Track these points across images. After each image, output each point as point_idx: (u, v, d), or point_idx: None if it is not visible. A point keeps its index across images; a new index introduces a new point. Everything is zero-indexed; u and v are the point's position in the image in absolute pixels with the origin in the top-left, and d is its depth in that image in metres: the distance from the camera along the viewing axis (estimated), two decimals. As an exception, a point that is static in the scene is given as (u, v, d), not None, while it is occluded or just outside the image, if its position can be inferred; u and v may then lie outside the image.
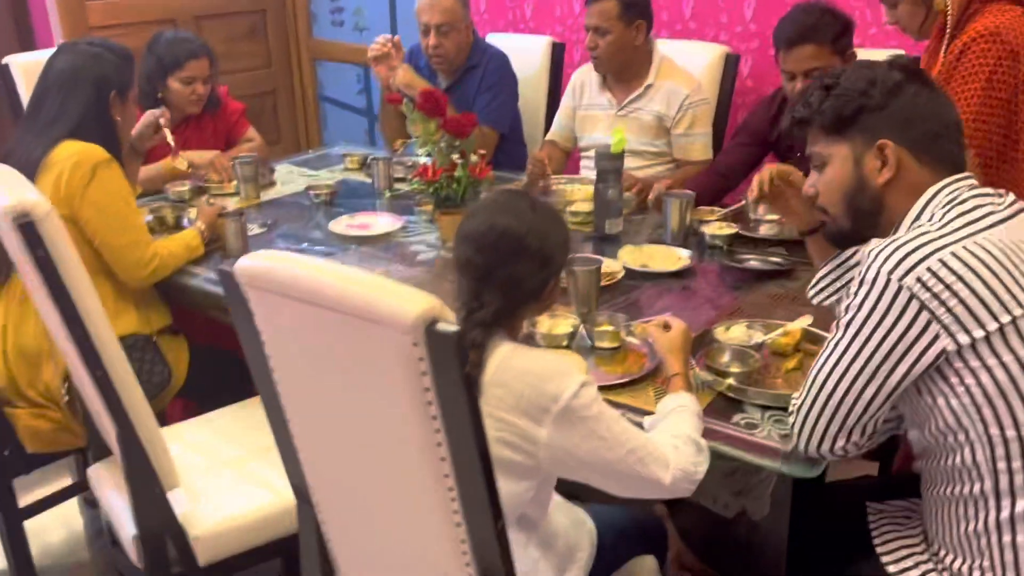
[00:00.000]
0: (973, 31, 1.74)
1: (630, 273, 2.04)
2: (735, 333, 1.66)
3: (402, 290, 1.00)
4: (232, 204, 2.59)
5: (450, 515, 1.10)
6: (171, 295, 2.22)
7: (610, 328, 1.70)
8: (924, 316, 1.16)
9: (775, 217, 2.23)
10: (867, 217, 1.34)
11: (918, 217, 1.27)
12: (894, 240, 1.21)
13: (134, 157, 2.36)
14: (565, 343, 1.69)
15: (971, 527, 1.22)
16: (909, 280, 1.16)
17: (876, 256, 1.20)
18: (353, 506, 1.26)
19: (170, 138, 2.43)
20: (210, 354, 2.32)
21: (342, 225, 2.41)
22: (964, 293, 1.15)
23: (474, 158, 2.23)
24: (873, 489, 1.53)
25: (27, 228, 1.33)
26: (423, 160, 2.79)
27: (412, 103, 2.26)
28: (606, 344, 1.69)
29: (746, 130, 2.57)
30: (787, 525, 1.39)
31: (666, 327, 1.55)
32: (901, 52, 2.64)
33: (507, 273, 1.28)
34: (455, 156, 2.22)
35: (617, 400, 1.50)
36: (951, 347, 1.16)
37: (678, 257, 2.12)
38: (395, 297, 0.99)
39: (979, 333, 1.15)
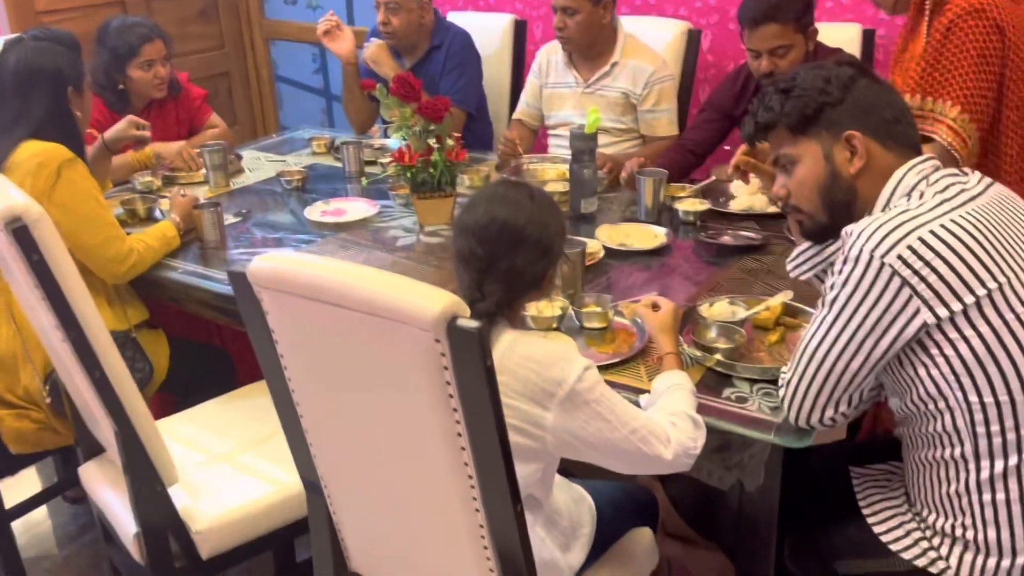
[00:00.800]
0: (957, 7, 1.77)
1: (609, 252, 2.08)
2: (718, 309, 1.72)
3: (421, 288, 1.03)
4: (202, 193, 2.57)
5: (469, 501, 1.13)
6: (147, 289, 2.20)
7: (598, 309, 1.74)
8: (905, 291, 1.22)
9: (747, 193, 2.30)
10: (842, 208, 1.40)
11: (889, 199, 1.34)
12: (875, 220, 1.27)
13: (106, 155, 2.31)
14: (555, 325, 1.73)
15: (953, 488, 1.30)
16: (890, 258, 1.22)
17: (859, 235, 1.26)
18: (368, 496, 1.29)
19: (149, 140, 2.41)
20: (187, 347, 2.31)
21: (317, 212, 2.40)
22: (942, 269, 1.21)
23: (450, 142, 2.25)
24: (852, 453, 1.61)
25: (20, 232, 1.31)
26: (392, 143, 2.81)
27: (385, 87, 2.26)
28: (595, 324, 1.73)
29: (711, 106, 2.62)
30: (778, 493, 1.45)
31: (655, 307, 1.60)
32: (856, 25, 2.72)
33: (509, 264, 1.31)
34: (431, 141, 2.23)
35: (611, 379, 1.54)
36: (931, 320, 1.22)
37: (654, 234, 2.17)
38: (415, 295, 1.02)
39: (957, 306, 1.21)
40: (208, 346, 2.50)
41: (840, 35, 2.65)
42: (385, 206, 2.45)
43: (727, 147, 2.58)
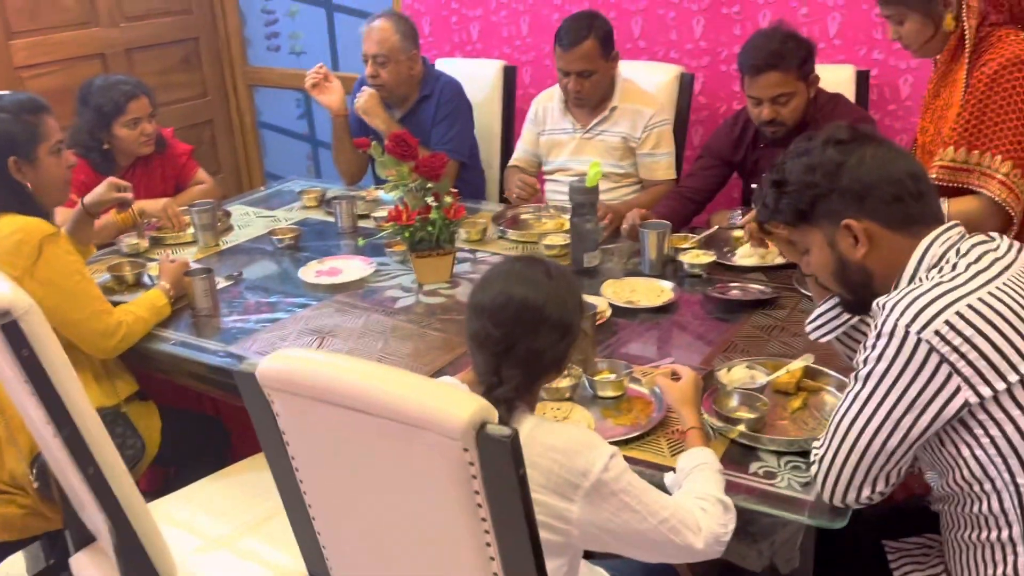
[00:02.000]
0: (1001, 57, 1.73)
1: (616, 310, 2.03)
2: (738, 374, 1.66)
3: (447, 392, 0.96)
4: (191, 254, 2.49)
5: (498, 610, 1.06)
6: (136, 361, 2.10)
7: (612, 376, 1.68)
8: (945, 369, 1.17)
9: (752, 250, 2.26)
10: (862, 288, 1.35)
11: (915, 272, 1.28)
12: (908, 292, 1.22)
13: (87, 220, 2.23)
14: (568, 395, 1.67)
15: (999, 570, 1.24)
16: (927, 333, 1.17)
17: (892, 308, 1.21)
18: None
19: (132, 202, 2.33)
20: (179, 417, 2.22)
21: (312, 273, 2.33)
22: (984, 346, 1.16)
23: (448, 199, 2.19)
24: (884, 523, 1.55)
25: (9, 328, 1.23)
26: (386, 197, 2.75)
27: (378, 142, 2.20)
28: (609, 393, 1.67)
29: (710, 153, 2.59)
30: (812, 573, 1.39)
31: (674, 376, 1.54)
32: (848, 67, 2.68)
33: (528, 347, 1.25)
34: (429, 199, 2.17)
35: (631, 455, 1.48)
36: (973, 399, 1.17)
37: (661, 289, 2.12)
38: (441, 401, 0.95)
39: (1000, 385, 1.16)
40: (200, 415, 2.41)
41: (834, 77, 2.64)
42: (381, 263, 2.38)
43: (736, 219, 2.51)
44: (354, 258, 2.42)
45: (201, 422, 2.33)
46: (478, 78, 3.19)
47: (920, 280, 1.27)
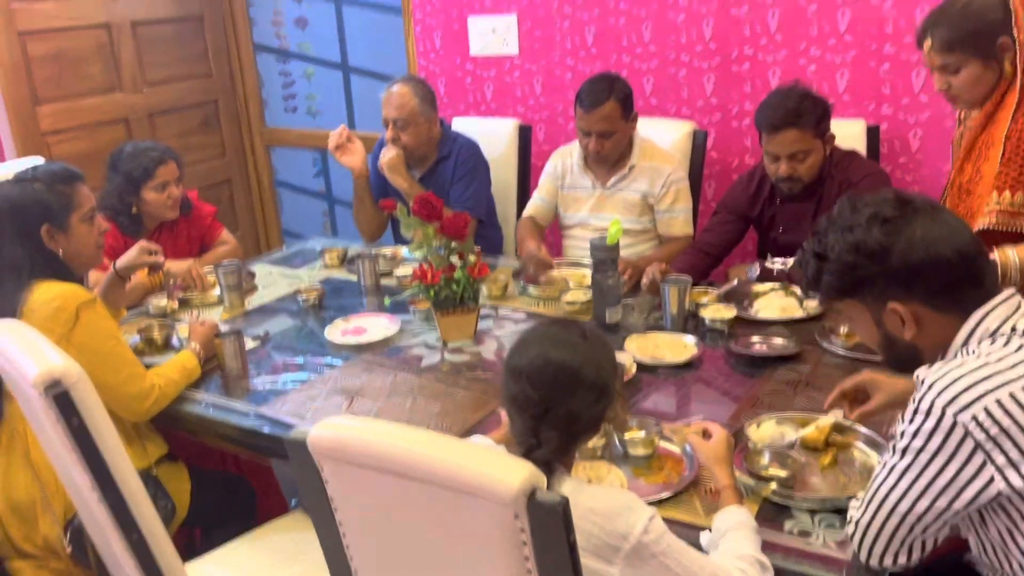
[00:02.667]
0: None
1: (640, 366, 2.05)
2: (767, 431, 1.67)
3: (497, 459, 0.99)
4: (217, 314, 2.53)
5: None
6: (165, 423, 2.12)
7: (642, 434, 1.70)
8: (979, 457, 1.16)
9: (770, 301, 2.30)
10: (910, 361, 1.32)
11: (966, 341, 1.26)
12: (950, 370, 1.19)
13: (119, 284, 2.28)
14: (599, 454, 1.68)
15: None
16: (965, 417, 1.15)
17: (932, 386, 1.18)
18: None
19: (163, 265, 2.39)
20: (207, 478, 2.23)
21: (337, 332, 2.36)
22: (1020, 438, 1.14)
23: (472, 258, 2.23)
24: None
25: (61, 398, 1.26)
26: (408, 254, 2.80)
27: (406, 208, 2.25)
28: (640, 452, 1.68)
29: (726, 208, 2.63)
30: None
31: (705, 434, 1.56)
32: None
33: (566, 409, 1.27)
34: (453, 258, 2.21)
35: (666, 516, 1.47)
36: (1006, 489, 1.16)
37: (685, 345, 2.14)
38: (492, 467, 0.98)
39: None
40: (228, 475, 2.42)
41: (846, 131, 2.69)
42: (405, 321, 2.41)
43: (753, 273, 2.53)
44: (378, 316, 2.45)
45: (228, 481, 2.35)
46: (494, 137, 3.26)
47: (967, 353, 1.24)
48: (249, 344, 2.30)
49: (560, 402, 1.27)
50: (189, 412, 2.05)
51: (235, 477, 2.39)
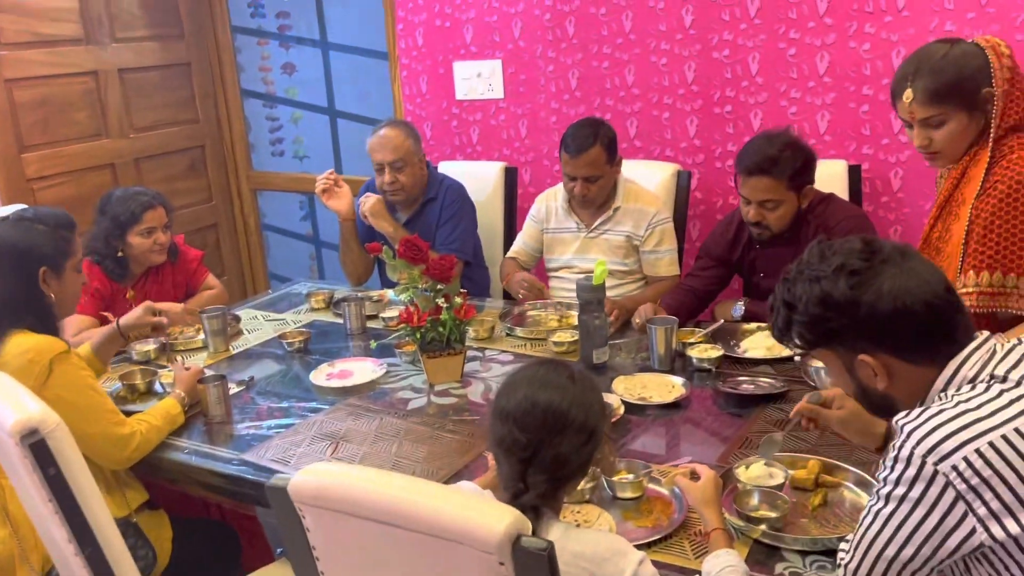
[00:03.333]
0: (1016, 174, 1.72)
1: (628, 407, 2.04)
2: (755, 472, 1.66)
3: (481, 505, 0.97)
4: (201, 359, 2.51)
5: None
6: (146, 471, 2.08)
7: (630, 476, 1.68)
8: (960, 507, 1.13)
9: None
10: (887, 409, 1.31)
11: (945, 388, 1.23)
12: (929, 417, 1.16)
13: (117, 341, 2.27)
14: (588, 497, 1.66)
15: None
16: (945, 467, 1.12)
17: (911, 435, 1.16)
18: None
19: (167, 328, 2.42)
20: (190, 527, 2.19)
21: (323, 376, 2.34)
22: (1001, 488, 1.11)
23: (458, 300, 2.22)
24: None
25: (37, 447, 1.24)
26: (394, 296, 2.79)
27: (392, 251, 2.25)
28: (629, 494, 1.66)
29: (708, 254, 2.64)
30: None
31: (694, 475, 1.54)
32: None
33: (554, 452, 1.26)
34: (440, 300, 2.21)
35: (655, 559, 1.46)
36: (988, 542, 1.13)
37: (672, 385, 2.13)
38: (476, 513, 0.96)
39: (1016, 529, 1.11)
40: (212, 523, 2.38)
41: (828, 172, 2.72)
42: (391, 364, 2.40)
43: (738, 310, 2.55)
44: (364, 360, 2.43)
45: (211, 529, 2.30)
46: (480, 179, 3.28)
47: (946, 398, 1.22)
48: (233, 389, 2.27)
49: (548, 445, 1.26)
50: (171, 459, 2.01)
51: (218, 524, 2.35)
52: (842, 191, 2.82)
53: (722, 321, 2.46)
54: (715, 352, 2.25)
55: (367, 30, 3.85)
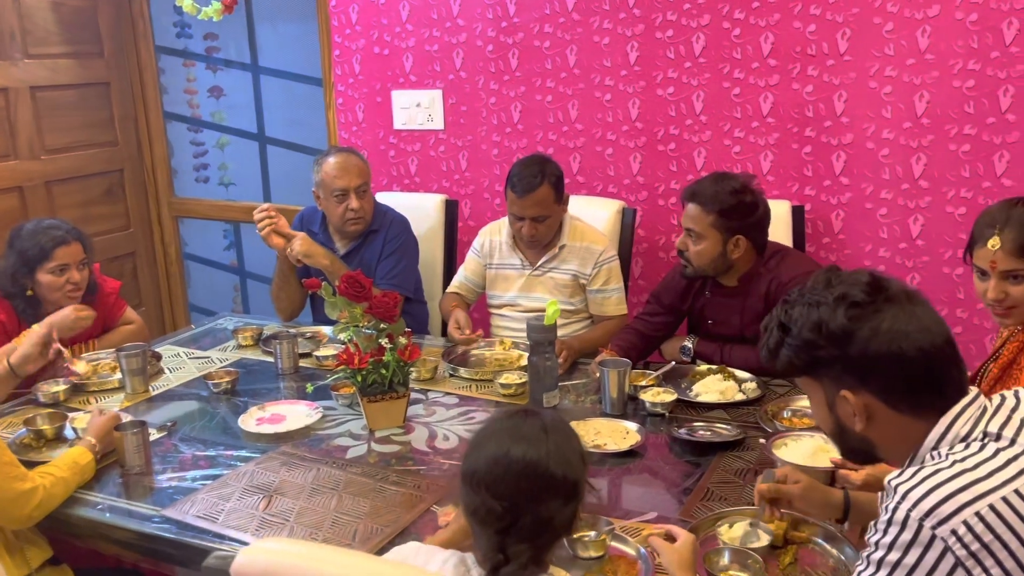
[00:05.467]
0: None
1: (582, 455, 1.94)
2: (739, 531, 1.57)
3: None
4: (117, 401, 2.30)
5: None
6: (51, 526, 1.86)
7: (592, 534, 1.57)
8: (960, 574, 1.07)
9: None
10: (863, 455, 1.27)
11: (936, 446, 1.18)
12: (924, 478, 1.10)
13: (10, 378, 2.05)
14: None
15: None
16: (943, 531, 1.07)
17: (906, 496, 1.10)
18: None
19: (68, 359, 2.17)
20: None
21: (252, 421, 2.17)
22: (1003, 554, 1.06)
23: (403, 340, 2.10)
24: None
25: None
26: (330, 332, 2.64)
27: (332, 288, 2.11)
28: (591, 553, 1.56)
29: (659, 302, 2.57)
30: None
31: (669, 537, 1.45)
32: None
33: (534, 517, 1.14)
34: (383, 340, 2.08)
35: (623, 626, 1.36)
36: None
37: (626, 431, 2.05)
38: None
39: None
40: (120, 571, 2.15)
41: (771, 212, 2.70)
42: (327, 408, 2.25)
43: (687, 348, 2.51)
44: (297, 403, 2.27)
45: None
46: (420, 211, 3.16)
47: (939, 456, 1.17)
48: (153, 435, 2.08)
49: (527, 511, 1.14)
50: (81, 516, 1.81)
51: (127, 571, 2.13)
52: (785, 232, 2.81)
53: (673, 363, 2.39)
54: (668, 396, 2.18)
55: (300, 55, 3.72)
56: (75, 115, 3.75)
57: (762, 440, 1.95)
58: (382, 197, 3.27)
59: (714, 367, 2.35)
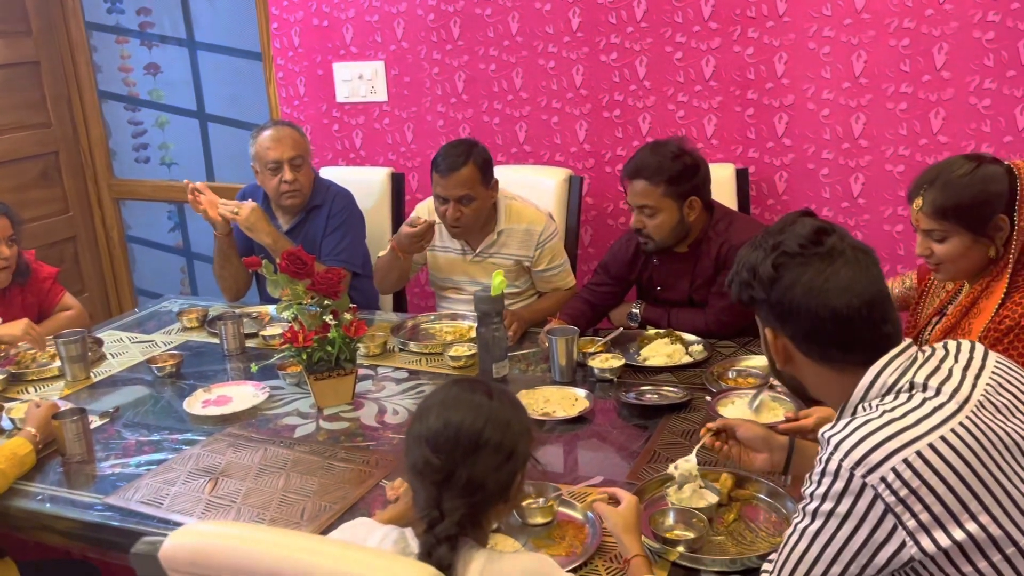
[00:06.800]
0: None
1: (531, 423, 1.94)
2: (687, 494, 1.58)
3: (391, 564, 0.85)
4: (58, 389, 2.25)
5: None
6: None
7: (540, 501, 1.58)
8: (890, 520, 1.10)
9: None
10: (795, 388, 1.34)
11: (864, 397, 1.22)
12: (855, 429, 1.13)
13: None
14: (495, 526, 1.55)
15: None
16: (873, 479, 1.09)
17: (838, 447, 1.13)
18: None
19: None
20: (47, 568, 1.95)
21: (198, 404, 2.14)
22: (930, 499, 1.08)
23: (348, 316, 2.07)
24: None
25: None
26: (275, 312, 2.60)
27: (273, 264, 2.08)
28: (538, 520, 1.57)
29: (607, 272, 2.56)
30: None
31: (612, 500, 1.46)
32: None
33: (468, 474, 1.16)
34: (327, 317, 2.05)
35: (571, 589, 1.38)
36: (918, 555, 1.10)
37: (575, 398, 2.06)
38: (383, 572, 0.83)
39: (946, 542, 1.08)
40: (67, 562, 2.12)
41: (714, 175, 2.67)
42: (275, 388, 2.22)
43: (635, 313, 2.52)
44: (244, 384, 2.24)
45: (69, 570, 2.06)
46: (366, 185, 3.12)
47: (869, 408, 1.20)
48: (95, 422, 2.04)
49: (462, 466, 1.17)
50: (20, 507, 1.77)
51: (77, 563, 2.10)
52: (730, 194, 2.83)
53: (621, 329, 2.41)
54: (616, 361, 2.19)
55: (238, 29, 3.62)
56: (4, 97, 3.62)
57: (708, 398, 1.98)
58: (328, 172, 3.22)
59: (661, 331, 2.36)
